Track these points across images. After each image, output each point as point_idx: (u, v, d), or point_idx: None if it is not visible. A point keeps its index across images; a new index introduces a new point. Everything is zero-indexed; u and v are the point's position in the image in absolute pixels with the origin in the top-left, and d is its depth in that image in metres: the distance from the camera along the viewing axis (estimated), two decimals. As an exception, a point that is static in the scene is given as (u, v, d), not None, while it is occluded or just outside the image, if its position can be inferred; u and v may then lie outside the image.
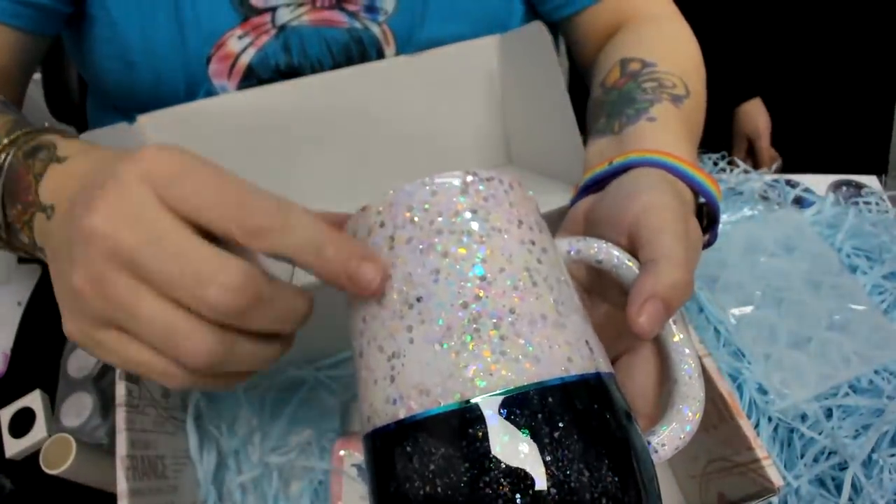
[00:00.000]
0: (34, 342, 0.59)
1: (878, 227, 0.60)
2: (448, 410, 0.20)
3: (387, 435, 0.22)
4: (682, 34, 0.53)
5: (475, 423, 0.20)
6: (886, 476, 0.44)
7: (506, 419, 0.20)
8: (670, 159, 0.34)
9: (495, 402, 0.20)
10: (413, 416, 0.21)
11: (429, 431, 0.20)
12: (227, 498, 0.47)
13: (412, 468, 0.20)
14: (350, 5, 0.53)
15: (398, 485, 0.21)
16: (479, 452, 0.19)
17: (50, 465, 0.43)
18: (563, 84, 0.45)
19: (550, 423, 0.20)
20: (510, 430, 0.20)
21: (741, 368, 0.50)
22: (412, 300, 0.22)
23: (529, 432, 0.20)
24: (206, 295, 0.22)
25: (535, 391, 0.20)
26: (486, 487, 0.19)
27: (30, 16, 0.47)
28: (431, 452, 0.20)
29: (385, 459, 0.22)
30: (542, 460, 0.19)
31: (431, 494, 0.20)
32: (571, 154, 0.43)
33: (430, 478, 0.20)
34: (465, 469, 0.19)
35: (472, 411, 0.20)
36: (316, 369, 0.51)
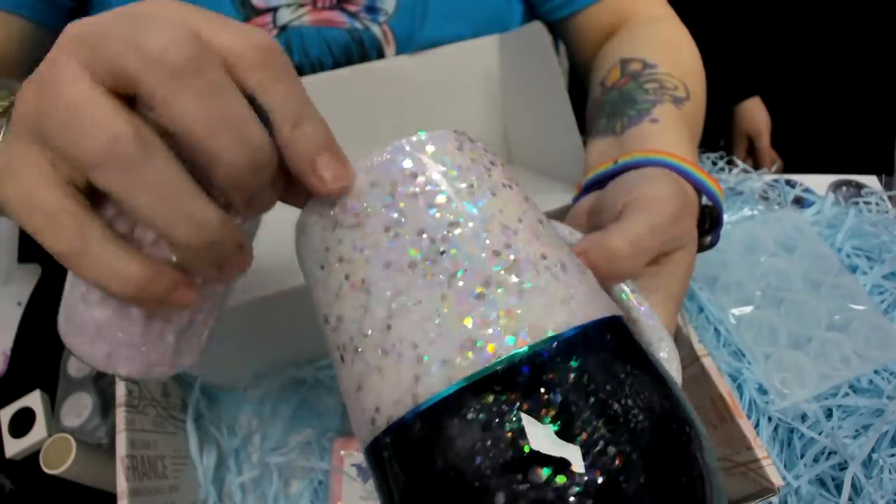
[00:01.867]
0: (34, 342, 0.59)
1: (878, 227, 0.60)
2: (515, 359, 0.18)
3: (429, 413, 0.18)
4: (682, 36, 0.53)
5: (547, 369, 0.18)
6: (886, 476, 0.44)
7: (576, 356, 0.19)
8: (675, 160, 0.34)
9: (564, 342, 0.19)
10: (468, 376, 0.18)
11: (497, 388, 0.18)
12: (227, 498, 0.47)
13: (486, 435, 0.17)
14: (351, 6, 0.53)
15: (462, 463, 0.17)
16: (565, 399, 0.18)
17: (50, 465, 0.43)
18: (563, 84, 0.45)
19: (618, 357, 0.20)
20: (575, 372, 0.18)
21: (741, 368, 0.50)
22: (436, 255, 0.20)
23: (596, 372, 0.19)
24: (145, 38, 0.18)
25: (594, 328, 0.20)
26: (583, 431, 0.17)
27: (33, 5, 0.48)
28: (505, 412, 0.17)
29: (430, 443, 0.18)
30: (625, 396, 0.18)
31: (527, 455, 0.17)
32: (571, 154, 0.43)
33: (516, 439, 0.17)
34: (556, 418, 0.17)
35: (539, 356, 0.18)
36: (316, 369, 0.51)
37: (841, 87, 1.07)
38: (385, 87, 0.53)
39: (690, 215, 0.32)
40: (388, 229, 0.21)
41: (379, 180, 0.22)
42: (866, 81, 1.06)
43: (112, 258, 0.19)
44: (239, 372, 0.50)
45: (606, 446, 0.17)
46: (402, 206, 0.21)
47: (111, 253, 0.19)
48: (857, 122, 1.07)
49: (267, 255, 0.41)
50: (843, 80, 1.06)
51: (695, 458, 0.19)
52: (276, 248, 0.39)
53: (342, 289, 0.21)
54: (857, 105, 1.07)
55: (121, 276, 0.19)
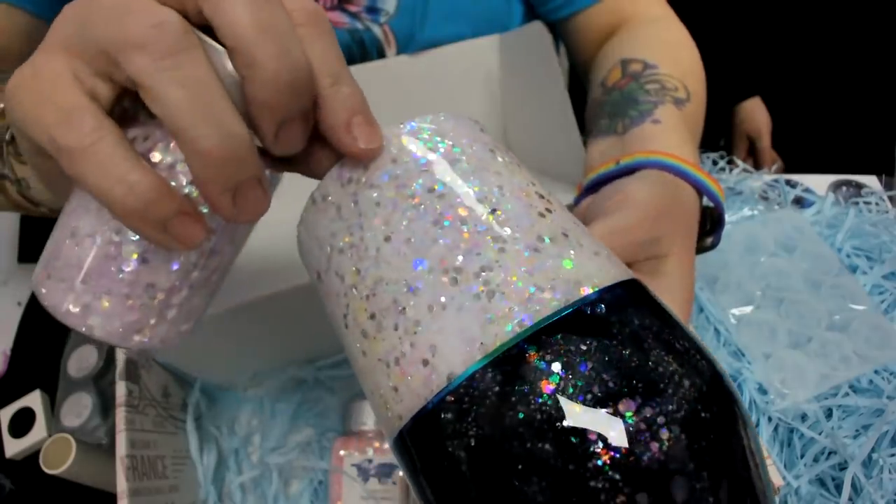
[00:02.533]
0: (34, 342, 0.59)
1: (878, 227, 0.60)
2: (584, 304, 0.19)
3: (508, 356, 0.18)
4: (682, 37, 0.53)
5: (613, 312, 0.19)
6: (886, 476, 0.44)
7: (635, 305, 0.20)
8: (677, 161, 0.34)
9: (618, 291, 0.20)
10: (539, 321, 0.18)
11: (571, 330, 0.18)
12: (227, 498, 0.47)
13: (567, 375, 0.17)
14: (351, 6, 0.53)
15: (550, 403, 0.17)
16: (636, 338, 0.19)
17: (50, 465, 0.43)
18: (563, 84, 0.45)
19: (663, 309, 0.21)
20: (638, 316, 0.19)
21: (741, 368, 0.50)
22: (487, 214, 0.20)
23: (653, 317, 0.20)
24: None
25: (631, 284, 0.21)
26: (658, 366, 0.18)
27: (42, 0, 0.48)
28: (583, 351, 0.18)
29: (504, 388, 0.17)
30: (682, 339, 0.20)
31: (612, 391, 0.17)
32: (571, 154, 0.43)
33: (597, 376, 0.17)
34: (633, 356, 0.18)
35: (603, 301, 0.19)
36: (316, 369, 0.51)
37: (841, 88, 1.07)
38: (385, 87, 0.53)
39: (673, 218, 0.31)
40: (431, 190, 0.21)
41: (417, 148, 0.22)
42: (866, 82, 1.06)
43: (121, 162, 0.18)
44: (239, 372, 0.50)
45: (681, 379, 0.18)
46: (441, 171, 0.21)
47: (121, 157, 0.18)
48: (857, 122, 1.07)
49: (266, 255, 0.41)
50: (843, 80, 1.06)
51: (735, 399, 0.20)
52: (275, 247, 0.39)
53: (380, 251, 0.20)
54: (857, 105, 1.07)
55: (127, 183, 0.17)
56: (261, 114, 0.19)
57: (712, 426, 0.18)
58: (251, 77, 0.18)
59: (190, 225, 0.19)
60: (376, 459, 0.45)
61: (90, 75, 0.19)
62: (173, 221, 0.18)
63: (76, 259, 0.18)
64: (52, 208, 0.33)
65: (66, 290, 0.18)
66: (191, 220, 0.19)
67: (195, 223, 0.19)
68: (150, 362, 0.45)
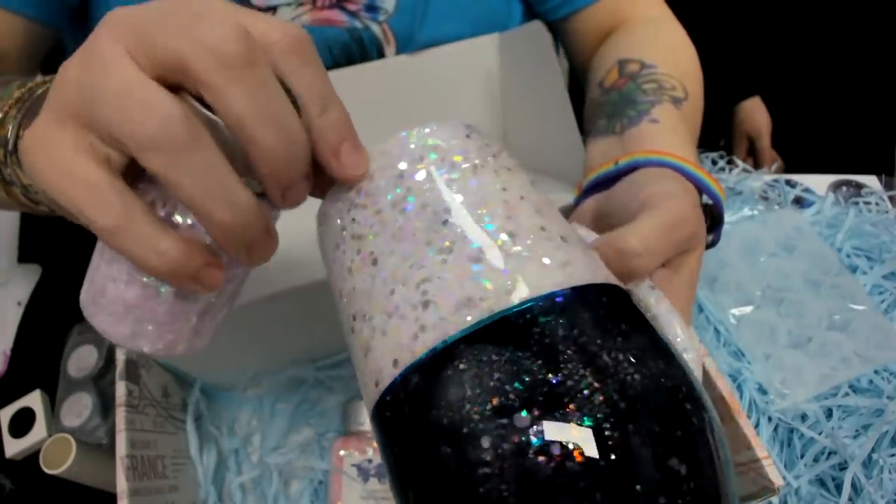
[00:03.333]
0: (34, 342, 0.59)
1: (878, 227, 0.60)
2: (506, 313, 0.19)
3: (425, 366, 0.20)
4: (679, 37, 0.53)
5: (537, 323, 0.19)
6: (886, 476, 0.44)
7: (565, 313, 0.20)
8: (675, 160, 0.34)
9: (551, 300, 0.20)
10: (461, 331, 0.20)
11: (489, 340, 0.19)
12: (227, 498, 0.47)
13: (475, 384, 0.19)
14: (350, 5, 0.53)
15: (453, 411, 0.19)
16: (553, 350, 0.19)
17: (50, 465, 0.43)
18: (562, 83, 0.45)
19: (612, 318, 0.20)
20: (566, 327, 0.19)
21: (741, 368, 0.50)
22: (438, 224, 0.22)
23: (587, 327, 0.19)
24: (200, 27, 0.19)
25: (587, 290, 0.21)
26: (568, 379, 0.18)
27: (40, 5, 0.48)
28: (494, 362, 0.19)
29: (425, 395, 0.19)
30: (618, 351, 0.19)
31: (512, 403, 0.18)
32: (571, 153, 0.43)
33: (501, 387, 0.18)
34: (542, 369, 0.18)
35: (531, 311, 0.20)
36: (316, 369, 0.51)
37: (841, 88, 1.07)
38: (385, 87, 0.53)
39: (700, 215, 0.32)
40: (395, 205, 0.23)
41: (390, 163, 0.24)
42: (866, 82, 1.06)
43: (152, 234, 0.20)
44: (239, 372, 0.50)
45: (592, 394, 0.18)
46: (409, 184, 0.23)
47: (151, 229, 0.20)
48: (857, 122, 1.07)
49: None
50: (843, 80, 1.06)
51: (689, 417, 0.19)
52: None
53: (353, 263, 0.23)
54: (857, 105, 1.07)
55: (159, 252, 0.20)
56: (266, 182, 0.21)
57: (621, 445, 0.17)
58: (254, 154, 0.20)
59: (213, 272, 0.21)
60: (376, 459, 0.45)
61: (102, 145, 0.20)
62: (199, 273, 0.21)
63: (121, 299, 0.22)
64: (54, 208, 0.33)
65: (115, 321, 0.22)
66: (213, 268, 0.21)
67: (217, 270, 0.22)
68: (151, 362, 0.45)
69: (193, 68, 0.19)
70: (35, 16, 0.48)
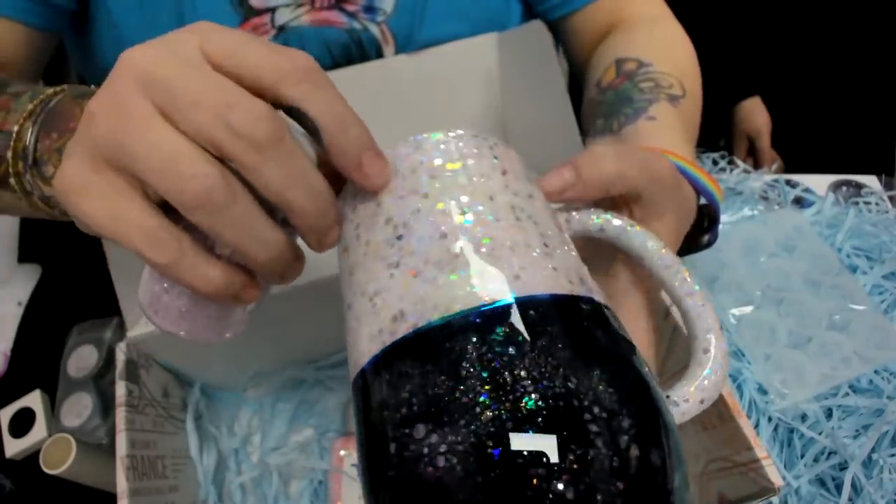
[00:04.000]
0: (34, 342, 0.59)
1: (878, 227, 0.60)
2: (426, 329, 0.21)
3: (369, 370, 0.22)
4: (677, 35, 0.53)
5: (453, 339, 0.20)
6: (886, 476, 0.44)
7: (483, 332, 0.20)
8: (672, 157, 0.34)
9: (472, 316, 0.21)
10: (391, 343, 0.21)
11: (407, 354, 0.21)
12: (227, 498, 0.47)
13: (392, 393, 0.20)
14: (349, 5, 0.53)
15: (380, 415, 0.21)
16: (458, 366, 0.20)
17: (50, 465, 0.43)
18: (562, 83, 0.45)
19: (534, 335, 0.20)
20: (490, 342, 0.20)
21: (741, 368, 0.50)
22: (393, 239, 0.23)
23: (508, 344, 0.20)
24: (232, 114, 0.21)
25: (517, 304, 0.21)
26: (464, 396, 0.19)
27: (40, 12, 0.48)
28: (408, 374, 0.20)
29: (368, 395, 0.22)
30: (525, 369, 0.19)
31: (414, 414, 0.20)
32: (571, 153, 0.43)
33: (410, 398, 0.20)
34: (444, 383, 0.20)
35: (449, 327, 0.20)
36: (316, 369, 0.51)
37: (841, 88, 1.07)
38: (384, 87, 0.53)
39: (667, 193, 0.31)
40: (374, 214, 0.24)
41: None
42: (866, 82, 1.06)
43: (200, 266, 0.23)
44: (239, 372, 0.50)
45: (483, 412, 0.18)
46: (384, 196, 0.24)
47: (200, 261, 0.23)
48: (857, 122, 1.07)
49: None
50: (843, 80, 1.06)
51: (590, 440, 0.18)
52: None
53: (342, 272, 0.25)
54: (857, 105, 1.07)
55: (208, 281, 0.23)
56: (303, 233, 0.24)
57: (499, 464, 0.18)
58: (290, 214, 0.23)
59: (251, 291, 0.25)
60: (376, 459, 0.45)
61: (142, 185, 0.22)
62: (239, 293, 0.24)
63: (175, 306, 0.25)
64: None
65: (172, 322, 0.26)
66: (251, 287, 0.24)
67: (254, 289, 0.25)
68: (151, 362, 0.45)
69: (228, 150, 0.21)
70: (34, 23, 0.48)
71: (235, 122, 0.21)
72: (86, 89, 0.34)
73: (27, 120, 0.32)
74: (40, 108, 0.33)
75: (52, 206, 0.33)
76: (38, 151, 0.32)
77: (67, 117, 0.31)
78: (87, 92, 0.33)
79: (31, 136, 0.32)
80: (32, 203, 0.34)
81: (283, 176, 0.22)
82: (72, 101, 0.32)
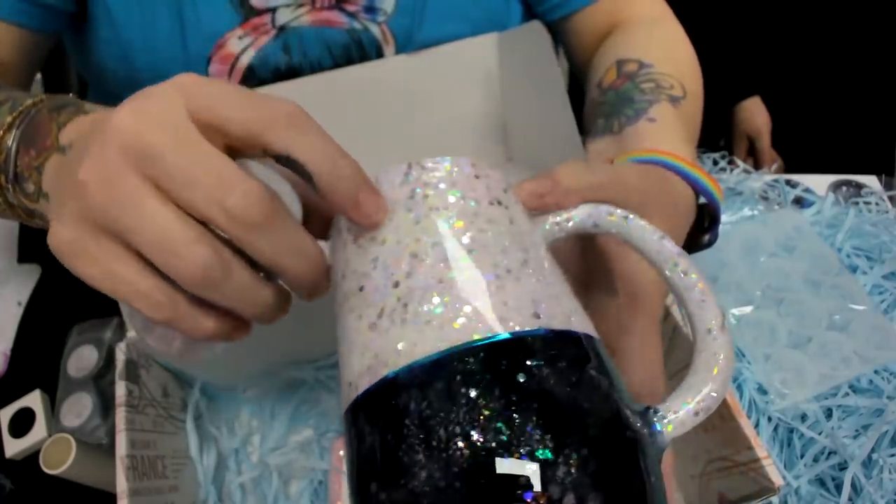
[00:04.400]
0: (34, 342, 0.59)
1: (878, 227, 0.60)
2: (378, 387, 0.21)
3: (344, 420, 0.23)
4: (677, 35, 0.53)
5: (399, 395, 0.21)
6: (886, 476, 0.44)
7: (424, 385, 0.20)
8: (671, 159, 0.34)
9: (415, 370, 0.21)
10: (356, 397, 0.22)
11: (368, 410, 0.22)
12: (227, 498, 0.47)
13: (358, 448, 0.22)
14: (349, 6, 0.53)
15: (352, 467, 0.22)
16: (402, 422, 0.20)
17: (50, 465, 0.43)
18: (562, 83, 0.45)
19: (471, 384, 0.20)
20: (431, 395, 0.20)
21: (741, 368, 0.50)
22: (357, 290, 0.24)
23: (445, 398, 0.20)
24: (227, 198, 0.21)
25: (455, 355, 0.20)
26: (404, 455, 0.20)
27: (36, 14, 0.48)
28: (363, 432, 0.21)
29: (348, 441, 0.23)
30: (459, 422, 0.19)
31: (367, 471, 0.21)
32: (571, 154, 0.43)
33: (355, 457, 0.22)
34: (389, 442, 0.20)
35: (396, 383, 0.21)
36: (316, 369, 0.51)
37: (841, 88, 1.07)
38: (384, 87, 0.53)
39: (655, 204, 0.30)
40: (346, 264, 0.25)
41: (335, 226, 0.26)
42: (866, 82, 1.06)
43: (196, 320, 0.24)
44: (239, 372, 0.50)
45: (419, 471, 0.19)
46: (349, 246, 0.25)
47: (196, 316, 0.24)
48: (857, 122, 1.07)
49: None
50: (843, 80, 1.06)
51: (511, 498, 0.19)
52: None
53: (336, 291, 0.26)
54: (857, 105, 1.07)
55: (201, 331, 0.24)
56: (295, 290, 0.25)
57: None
58: (284, 278, 0.24)
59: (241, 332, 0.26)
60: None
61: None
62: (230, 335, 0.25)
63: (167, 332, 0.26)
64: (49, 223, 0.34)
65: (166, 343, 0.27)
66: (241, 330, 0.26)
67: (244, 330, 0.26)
68: (151, 362, 0.45)
69: (223, 228, 0.22)
70: (30, 24, 0.48)
71: (231, 206, 0.21)
72: (63, 101, 0.33)
73: (7, 133, 0.32)
74: (20, 120, 0.32)
75: (37, 217, 0.33)
76: (18, 167, 0.32)
77: (44, 133, 0.31)
78: (64, 103, 0.32)
79: (12, 148, 0.32)
80: (17, 214, 0.33)
81: (276, 247, 0.23)
82: (48, 116, 0.31)
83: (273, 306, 0.25)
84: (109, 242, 0.22)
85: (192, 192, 0.21)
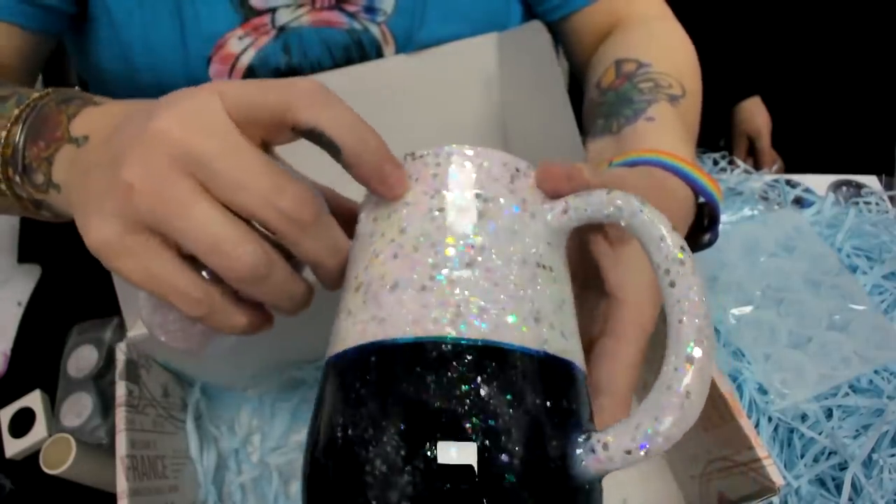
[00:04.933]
0: (34, 342, 0.59)
1: (878, 227, 0.60)
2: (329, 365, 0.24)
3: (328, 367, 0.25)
4: (676, 34, 0.53)
5: (326, 379, 0.24)
6: (886, 476, 0.44)
7: (338, 377, 0.23)
8: (670, 159, 0.34)
9: (338, 362, 0.23)
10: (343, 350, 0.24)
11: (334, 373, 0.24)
12: (227, 498, 0.47)
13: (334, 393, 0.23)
14: (349, 6, 0.53)
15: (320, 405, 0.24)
16: (320, 406, 0.23)
17: (50, 465, 0.43)
18: (562, 83, 0.45)
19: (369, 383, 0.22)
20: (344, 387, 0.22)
21: (741, 368, 0.50)
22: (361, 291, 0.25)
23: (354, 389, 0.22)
24: (280, 200, 0.23)
25: (369, 350, 0.22)
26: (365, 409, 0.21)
27: (36, 15, 0.48)
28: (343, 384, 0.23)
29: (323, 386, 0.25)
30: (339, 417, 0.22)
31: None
32: (571, 154, 0.43)
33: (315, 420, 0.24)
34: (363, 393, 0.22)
35: (329, 367, 0.24)
36: (316, 369, 0.51)
37: (841, 88, 1.07)
38: (384, 87, 0.53)
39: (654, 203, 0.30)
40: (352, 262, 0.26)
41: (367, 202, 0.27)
42: (866, 82, 1.06)
43: (229, 316, 0.25)
44: (239, 372, 0.50)
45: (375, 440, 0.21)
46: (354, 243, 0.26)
47: (229, 312, 0.25)
48: (857, 122, 1.07)
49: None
50: (843, 80, 1.06)
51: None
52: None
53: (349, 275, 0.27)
54: (857, 105, 1.07)
55: (233, 327, 0.26)
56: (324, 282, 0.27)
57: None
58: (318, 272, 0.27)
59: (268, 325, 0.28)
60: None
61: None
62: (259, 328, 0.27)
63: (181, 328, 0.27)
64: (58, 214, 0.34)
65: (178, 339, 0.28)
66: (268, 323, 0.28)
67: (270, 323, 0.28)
68: (151, 362, 0.45)
69: (275, 227, 0.24)
70: (30, 25, 0.48)
71: (285, 207, 0.23)
72: (70, 93, 0.33)
73: (14, 125, 0.32)
74: (27, 113, 0.33)
75: (44, 209, 0.33)
76: (26, 158, 0.32)
77: (53, 125, 0.31)
78: (71, 96, 0.32)
79: (20, 141, 0.32)
80: (24, 206, 0.34)
81: (319, 244, 0.25)
82: (56, 108, 0.32)
83: (303, 299, 0.27)
84: (149, 237, 0.23)
85: (245, 196, 0.23)
